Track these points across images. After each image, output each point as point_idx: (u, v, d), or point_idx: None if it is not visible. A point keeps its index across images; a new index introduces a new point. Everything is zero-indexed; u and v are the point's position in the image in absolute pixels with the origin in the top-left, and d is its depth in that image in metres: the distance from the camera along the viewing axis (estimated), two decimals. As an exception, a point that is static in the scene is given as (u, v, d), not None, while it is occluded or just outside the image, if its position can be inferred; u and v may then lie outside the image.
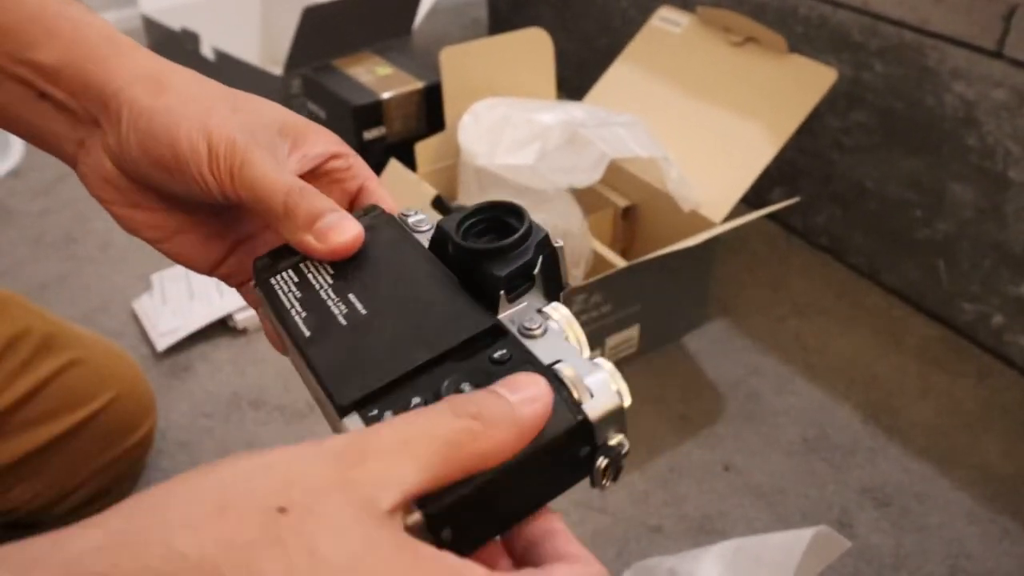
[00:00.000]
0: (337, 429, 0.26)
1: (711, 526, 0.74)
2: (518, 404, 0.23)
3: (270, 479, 0.20)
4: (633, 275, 0.81)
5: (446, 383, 0.25)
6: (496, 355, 0.26)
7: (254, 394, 0.87)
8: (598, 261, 0.88)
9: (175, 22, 1.41)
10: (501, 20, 1.60)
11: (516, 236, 0.28)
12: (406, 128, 1.10)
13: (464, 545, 0.22)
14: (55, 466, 0.67)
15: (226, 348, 0.93)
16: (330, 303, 0.29)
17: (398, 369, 0.26)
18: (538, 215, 0.85)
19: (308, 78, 1.15)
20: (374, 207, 0.34)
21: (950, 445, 0.81)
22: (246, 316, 0.93)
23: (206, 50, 1.33)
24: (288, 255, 0.32)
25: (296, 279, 0.31)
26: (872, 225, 1.01)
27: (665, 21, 1.02)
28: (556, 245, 0.29)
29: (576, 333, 0.27)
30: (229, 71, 1.28)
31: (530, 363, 0.25)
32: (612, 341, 0.86)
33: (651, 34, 1.03)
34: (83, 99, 0.32)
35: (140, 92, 0.31)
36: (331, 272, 0.31)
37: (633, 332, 0.88)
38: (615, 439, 0.24)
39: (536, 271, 0.28)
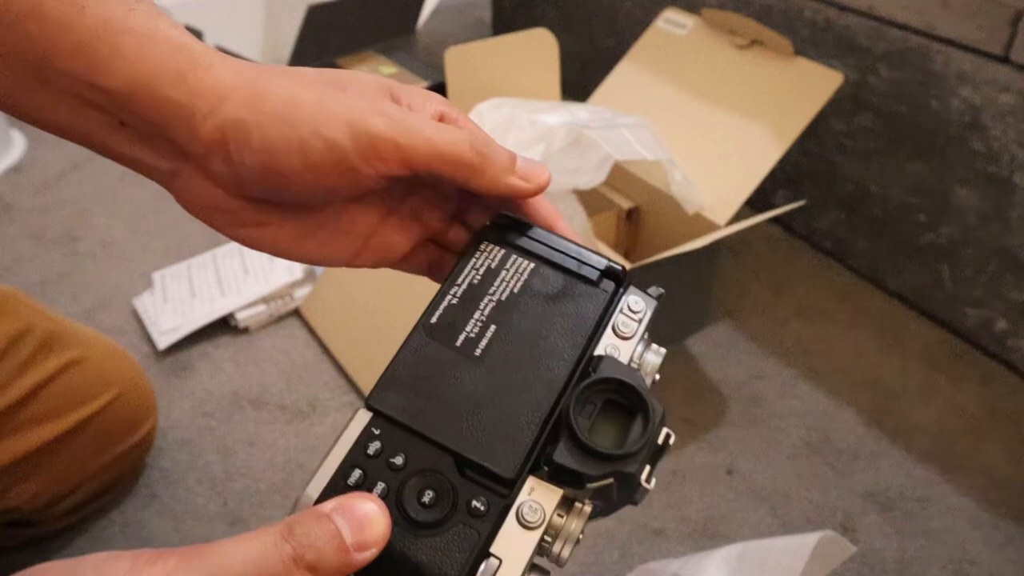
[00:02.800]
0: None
1: (714, 529, 0.74)
2: (354, 549, 0.23)
3: None
4: (636, 277, 0.81)
5: (423, 480, 0.26)
6: (475, 503, 0.25)
7: (255, 393, 0.87)
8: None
9: (178, 19, 1.40)
10: (505, 20, 1.60)
11: (602, 453, 0.26)
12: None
13: None
14: (56, 465, 0.67)
15: (227, 347, 0.93)
16: (475, 317, 0.29)
17: (429, 430, 0.26)
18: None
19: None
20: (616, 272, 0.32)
21: (953, 450, 0.81)
22: (248, 315, 0.93)
23: (209, 48, 1.33)
24: (512, 234, 0.32)
25: (492, 265, 0.31)
26: (876, 229, 1.00)
27: (670, 23, 1.02)
28: (645, 487, 0.26)
29: (560, 546, 0.26)
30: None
31: (479, 537, 0.25)
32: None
33: (656, 36, 1.03)
34: (166, 128, 0.28)
35: (238, 109, 0.28)
36: (515, 289, 0.30)
37: (636, 334, 0.87)
38: None
39: (588, 485, 0.26)
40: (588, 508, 0.27)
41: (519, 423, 0.27)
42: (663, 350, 0.31)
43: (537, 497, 0.26)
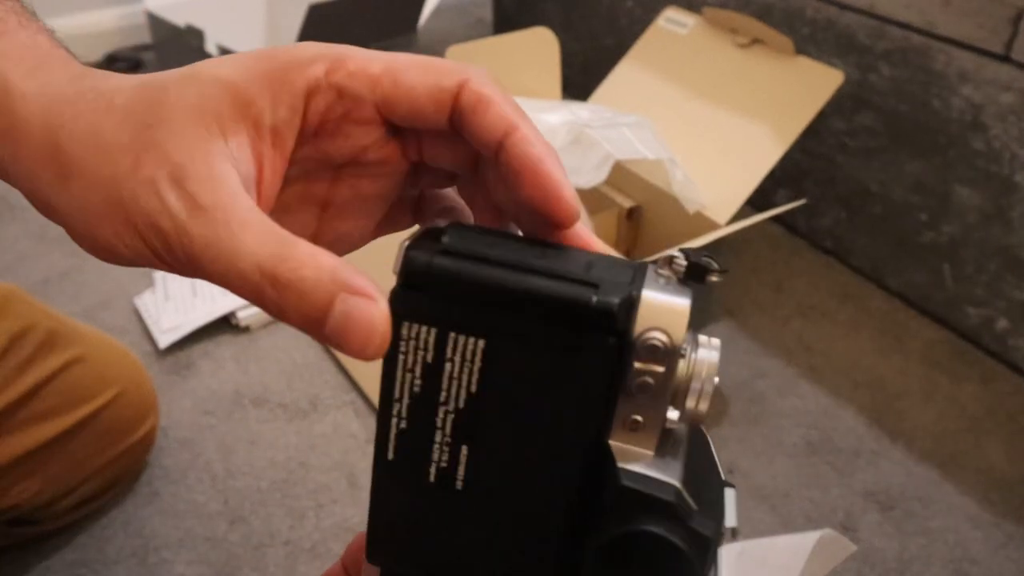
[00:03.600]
0: None
1: (714, 528, 0.74)
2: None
3: None
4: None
5: None
6: None
7: (256, 392, 0.87)
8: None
9: (180, 18, 1.41)
10: (506, 19, 1.60)
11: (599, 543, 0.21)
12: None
13: None
14: (57, 463, 0.67)
15: (229, 345, 0.93)
16: (437, 441, 0.22)
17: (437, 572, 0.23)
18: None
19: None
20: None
21: (954, 449, 0.81)
22: (249, 314, 0.93)
23: (210, 47, 1.33)
24: (439, 288, 0.21)
25: (428, 359, 0.21)
26: (877, 228, 1.00)
27: (671, 22, 1.02)
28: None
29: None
30: (233, 68, 1.28)
31: None
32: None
33: (657, 35, 1.03)
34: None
35: (44, 181, 0.23)
36: (471, 389, 0.21)
37: (637, 333, 0.87)
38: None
39: None
40: None
41: (534, 557, 0.22)
42: (717, 341, 0.22)
43: None
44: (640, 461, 0.21)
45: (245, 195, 0.21)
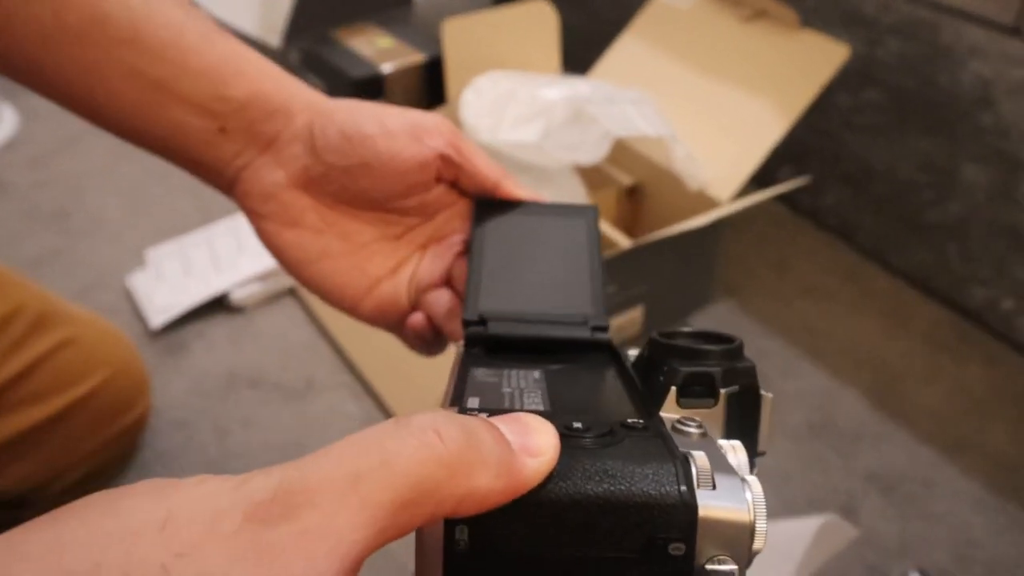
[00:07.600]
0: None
1: (714, 511, 0.73)
2: (520, 451, 0.18)
3: (161, 542, 0.16)
4: (638, 255, 0.79)
5: (564, 412, 0.22)
6: (631, 420, 0.21)
7: (251, 373, 0.86)
8: (602, 241, 0.87)
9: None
10: (505, -7, 1.57)
11: (717, 348, 0.25)
12: (407, 102, 1.08)
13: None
14: (48, 446, 0.66)
15: (223, 326, 0.91)
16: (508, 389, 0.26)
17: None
18: (542, 192, 0.83)
19: (306, 50, 1.13)
20: None
21: (958, 431, 0.80)
22: (244, 294, 0.92)
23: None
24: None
25: (491, 378, 0.27)
26: (882, 206, 0.99)
27: (673, -6, 1.00)
28: (763, 394, 0.25)
29: (740, 460, 0.21)
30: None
31: (664, 438, 0.20)
32: (615, 322, 0.85)
33: (658, 8, 1.01)
34: (264, 125, 0.37)
35: (327, 104, 0.37)
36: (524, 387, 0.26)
37: (637, 313, 0.86)
38: (723, 565, 0.18)
39: (722, 390, 0.24)
40: (741, 448, 0.22)
41: (616, 394, 0.27)
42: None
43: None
44: None
45: None
